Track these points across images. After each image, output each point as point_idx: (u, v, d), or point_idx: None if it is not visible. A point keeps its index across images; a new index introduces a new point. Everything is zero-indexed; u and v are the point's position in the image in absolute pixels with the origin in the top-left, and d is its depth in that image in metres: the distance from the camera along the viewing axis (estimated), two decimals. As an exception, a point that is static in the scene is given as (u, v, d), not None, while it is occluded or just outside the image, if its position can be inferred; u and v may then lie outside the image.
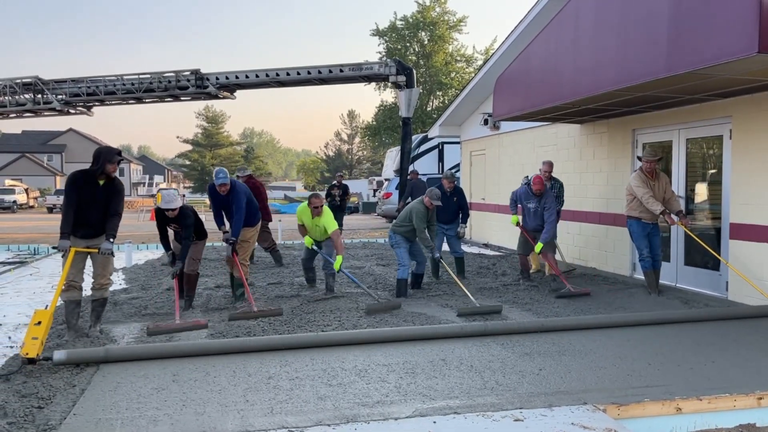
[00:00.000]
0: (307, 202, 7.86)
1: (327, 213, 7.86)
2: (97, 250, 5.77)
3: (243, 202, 7.32)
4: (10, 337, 5.91)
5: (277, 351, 5.27)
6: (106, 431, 3.66)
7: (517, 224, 8.81)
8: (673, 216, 7.61)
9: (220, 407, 4.02)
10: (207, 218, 9.34)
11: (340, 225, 15.96)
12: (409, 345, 5.47)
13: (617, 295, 7.84)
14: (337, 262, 7.40)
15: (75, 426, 3.74)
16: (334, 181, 16.67)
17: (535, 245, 8.45)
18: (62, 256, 5.79)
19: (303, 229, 8.14)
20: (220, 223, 7.66)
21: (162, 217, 6.84)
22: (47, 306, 5.35)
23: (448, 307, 7.25)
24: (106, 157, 5.72)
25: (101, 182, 5.82)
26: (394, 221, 8.30)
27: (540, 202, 8.52)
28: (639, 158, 8.17)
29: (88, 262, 5.98)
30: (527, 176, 9.82)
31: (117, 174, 5.96)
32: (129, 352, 5.19)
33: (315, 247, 8.06)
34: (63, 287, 5.70)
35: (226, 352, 5.27)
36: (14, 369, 4.75)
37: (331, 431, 3.62)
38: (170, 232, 7.17)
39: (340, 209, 16.14)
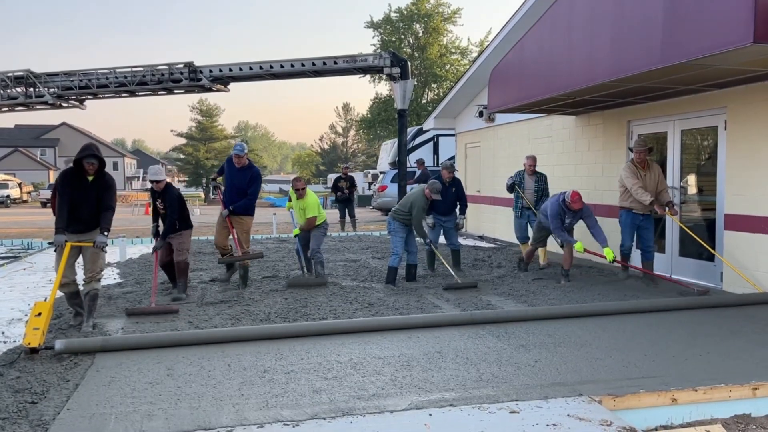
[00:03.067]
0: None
1: (310, 196, 8.25)
2: (91, 244, 5.76)
3: (258, 185, 8.00)
4: (3, 332, 5.87)
5: (272, 344, 5.26)
6: (100, 426, 3.63)
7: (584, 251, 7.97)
8: (664, 207, 7.62)
9: (215, 401, 4.00)
10: (201, 212, 9.30)
11: (352, 216, 16.02)
12: (405, 338, 5.47)
13: (611, 286, 7.85)
14: (295, 231, 8.43)
15: (69, 421, 3.71)
16: (340, 174, 16.58)
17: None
18: (55, 251, 5.77)
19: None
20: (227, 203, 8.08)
21: (154, 191, 7.33)
22: (46, 298, 5.36)
23: (443, 299, 7.25)
24: (80, 153, 5.82)
25: (90, 178, 5.80)
26: (395, 207, 8.35)
27: (576, 216, 8.02)
28: (630, 149, 8.17)
29: (80, 258, 5.98)
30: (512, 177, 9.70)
31: (107, 169, 5.98)
32: (129, 341, 5.24)
33: (301, 239, 8.45)
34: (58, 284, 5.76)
35: (227, 341, 5.33)
36: (7, 361, 4.73)
37: (326, 424, 3.61)
38: (160, 222, 7.48)
39: (348, 201, 16.12)
